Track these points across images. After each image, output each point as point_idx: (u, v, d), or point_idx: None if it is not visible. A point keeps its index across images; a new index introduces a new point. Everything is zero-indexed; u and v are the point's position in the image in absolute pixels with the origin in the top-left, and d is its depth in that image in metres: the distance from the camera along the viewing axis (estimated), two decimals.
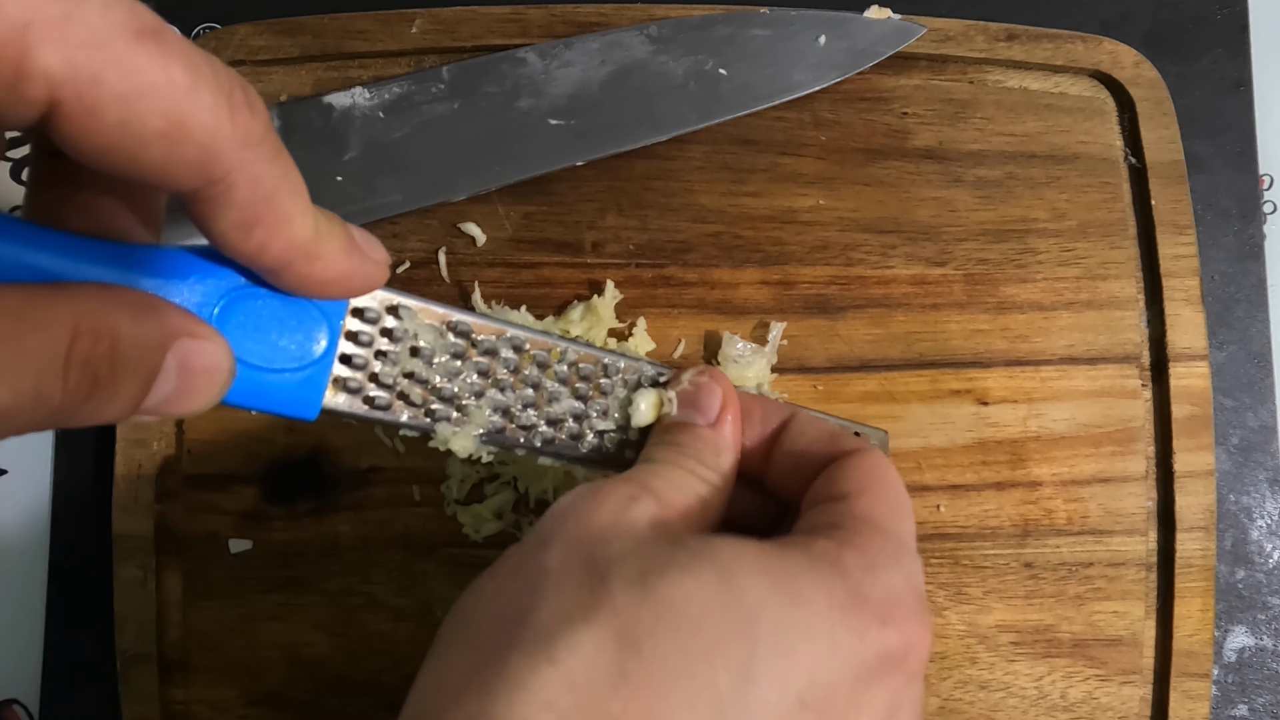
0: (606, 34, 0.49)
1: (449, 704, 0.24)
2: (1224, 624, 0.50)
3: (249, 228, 0.24)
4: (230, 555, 0.47)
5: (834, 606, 0.27)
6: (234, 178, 0.23)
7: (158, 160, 0.21)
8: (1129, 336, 0.49)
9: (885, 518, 0.30)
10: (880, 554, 0.29)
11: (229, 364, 0.25)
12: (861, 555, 0.28)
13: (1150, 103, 0.50)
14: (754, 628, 0.26)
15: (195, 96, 0.21)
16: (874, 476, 0.32)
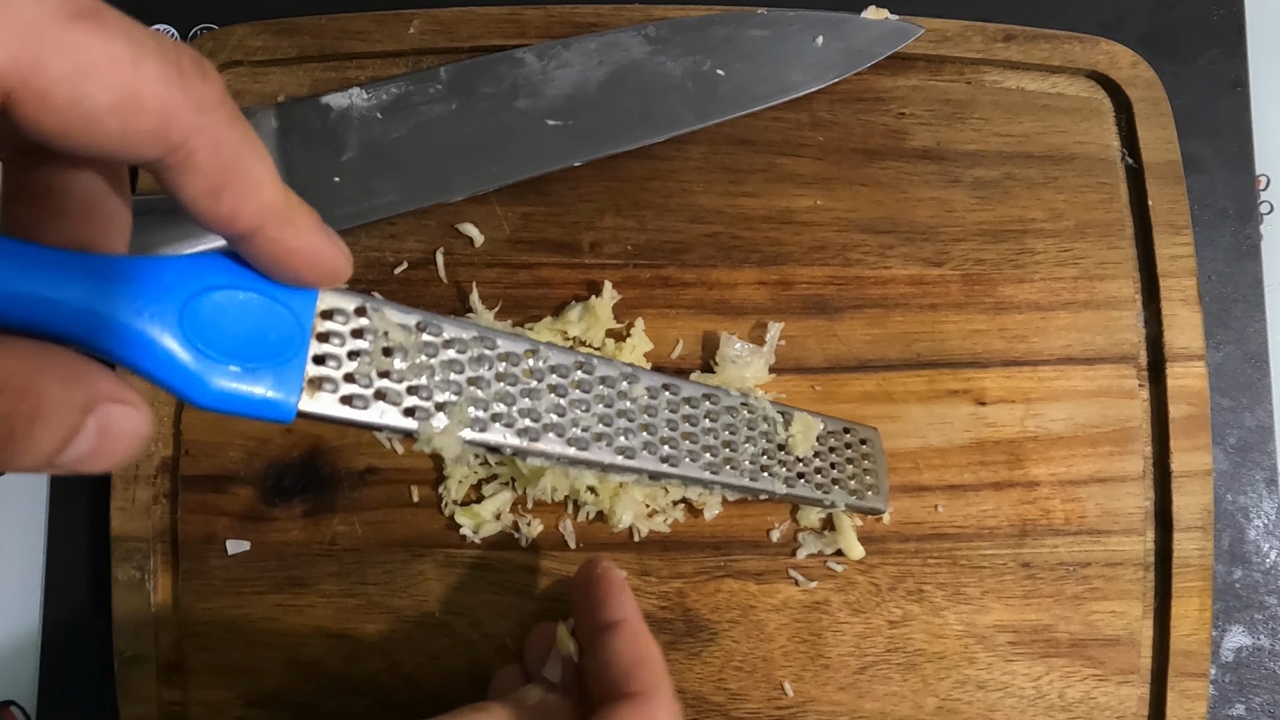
0: (604, 34, 0.49)
1: None
2: (1221, 624, 0.50)
3: (218, 192, 0.24)
4: (228, 556, 0.47)
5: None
6: (194, 142, 0.23)
7: (116, 133, 0.22)
8: (1126, 336, 0.49)
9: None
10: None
11: (146, 430, 0.25)
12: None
13: (1147, 103, 0.50)
14: None
15: (140, 68, 0.22)
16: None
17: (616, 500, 0.46)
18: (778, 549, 0.48)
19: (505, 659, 0.47)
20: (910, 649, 0.47)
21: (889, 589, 0.48)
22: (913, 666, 0.47)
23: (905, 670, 0.47)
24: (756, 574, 0.48)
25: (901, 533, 0.48)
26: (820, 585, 0.47)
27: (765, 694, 0.47)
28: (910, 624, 0.47)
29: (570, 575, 0.47)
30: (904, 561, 0.48)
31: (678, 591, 0.47)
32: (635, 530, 0.47)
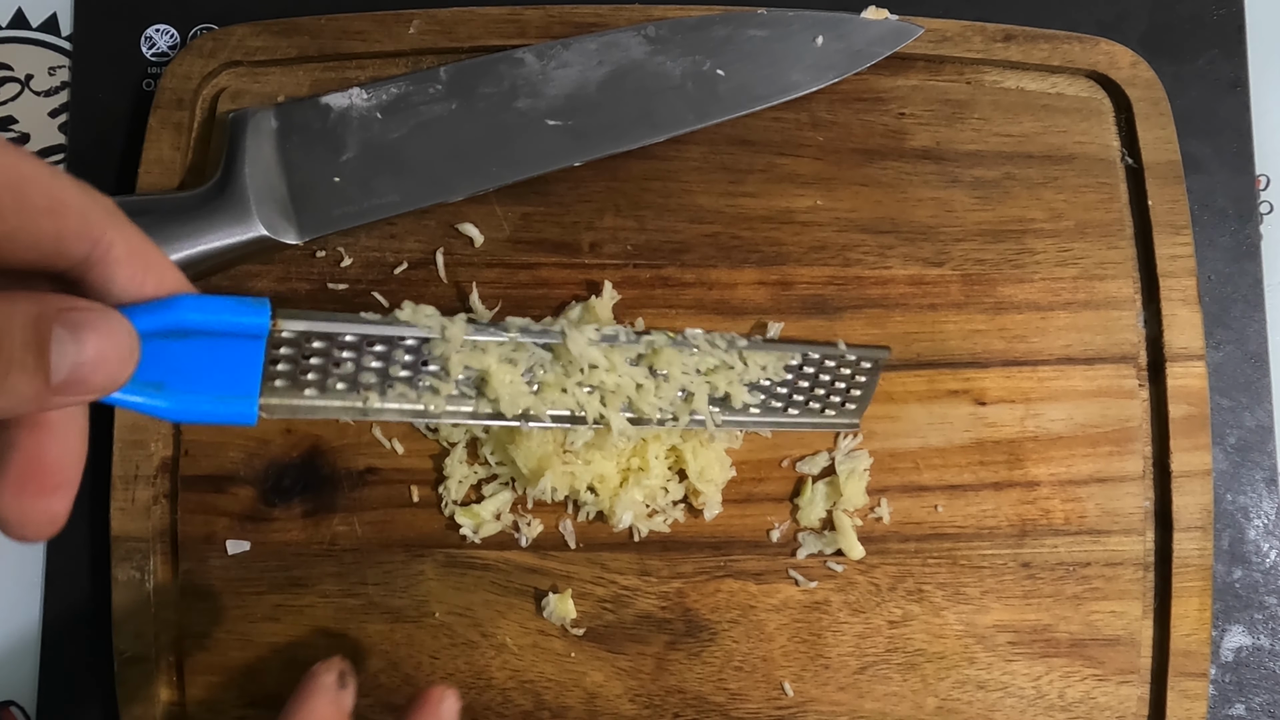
0: (604, 35, 0.49)
1: None
2: (1221, 623, 0.50)
3: (140, 278, 0.28)
4: (228, 556, 0.47)
5: None
6: (112, 237, 0.26)
7: (51, 233, 0.25)
8: (1126, 337, 0.49)
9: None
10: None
11: (125, 325, 0.26)
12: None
13: (1147, 103, 0.50)
14: None
15: (60, 179, 0.26)
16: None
17: (616, 500, 0.46)
18: (778, 549, 0.48)
19: (505, 659, 0.47)
20: (910, 649, 0.47)
21: (889, 589, 0.47)
22: (913, 666, 0.47)
23: (905, 670, 0.47)
24: (756, 574, 0.48)
25: (901, 533, 0.48)
26: (820, 585, 0.47)
27: (765, 694, 0.47)
28: (910, 624, 0.47)
29: (569, 575, 0.48)
30: (904, 561, 0.48)
31: (678, 591, 0.47)
32: (635, 530, 0.47)
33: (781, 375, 0.43)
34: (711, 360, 0.42)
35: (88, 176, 0.54)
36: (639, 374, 0.41)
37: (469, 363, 0.38)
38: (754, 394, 0.43)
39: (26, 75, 0.53)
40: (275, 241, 0.47)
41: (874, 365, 0.45)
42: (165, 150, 0.49)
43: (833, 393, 0.45)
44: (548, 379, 0.40)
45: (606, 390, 0.41)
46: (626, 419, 0.41)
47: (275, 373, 0.34)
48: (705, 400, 0.42)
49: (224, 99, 0.49)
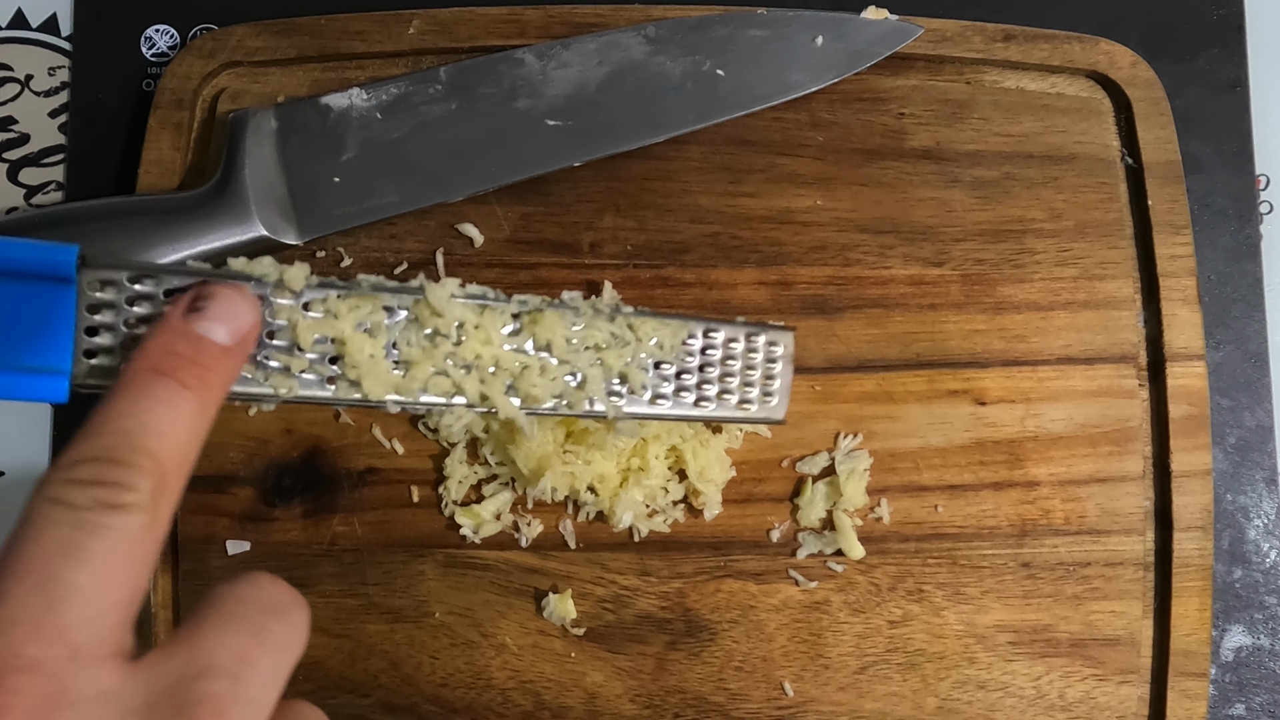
0: (604, 35, 0.49)
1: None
2: (1221, 623, 0.50)
3: None
4: (228, 556, 0.47)
5: None
6: None
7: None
8: (1126, 336, 0.49)
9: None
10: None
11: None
12: None
13: (1147, 103, 0.50)
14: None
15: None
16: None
17: (616, 500, 0.46)
18: (778, 549, 0.48)
19: (505, 659, 0.47)
20: (910, 649, 0.47)
21: (889, 589, 0.48)
22: (913, 666, 0.47)
23: (905, 670, 0.47)
24: (756, 574, 0.48)
25: (901, 533, 0.48)
26: (820, 585, 0.47)
27: (765, 694, 0.47)
28: (910, 624, 0.47)
29: (570, 575, 0.48)
30: (904, 561, 0.48)
31: (678, 591, 0.47)
32: (635, 530, 0.47)
33: (683, 358, 0.40)
34: (598, 334, 0.38)
35: (87, 177, 0.55)
36: (522, 353, 0.37)
37: (322, 331, 0.33)
38: (658, 381, 0.40)
39: (26, 75, 0.53)
40: (275, 242, 0.47)
41: (785, 351, 0.42)
42: (165, 150, 0.49)
43: (747, 382, 0.42)
44: (412, 352, 0.35)
45: (483, 366, 0.36)
46: (514, 404, 0.37)
47: (96, 344, 0.30)
48: (600, 382, 0.38)
49: (224, 99, 0.49)
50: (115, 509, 0.25)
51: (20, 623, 0.23)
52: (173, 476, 0.27)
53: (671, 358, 0.40)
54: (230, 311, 0.30)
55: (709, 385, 0.41)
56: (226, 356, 0.29)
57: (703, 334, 0.41)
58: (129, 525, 0.25)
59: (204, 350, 0.29)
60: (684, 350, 0.40)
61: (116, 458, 0.26)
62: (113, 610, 0.25)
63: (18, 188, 0.52)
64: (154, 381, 0.27)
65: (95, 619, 0.24)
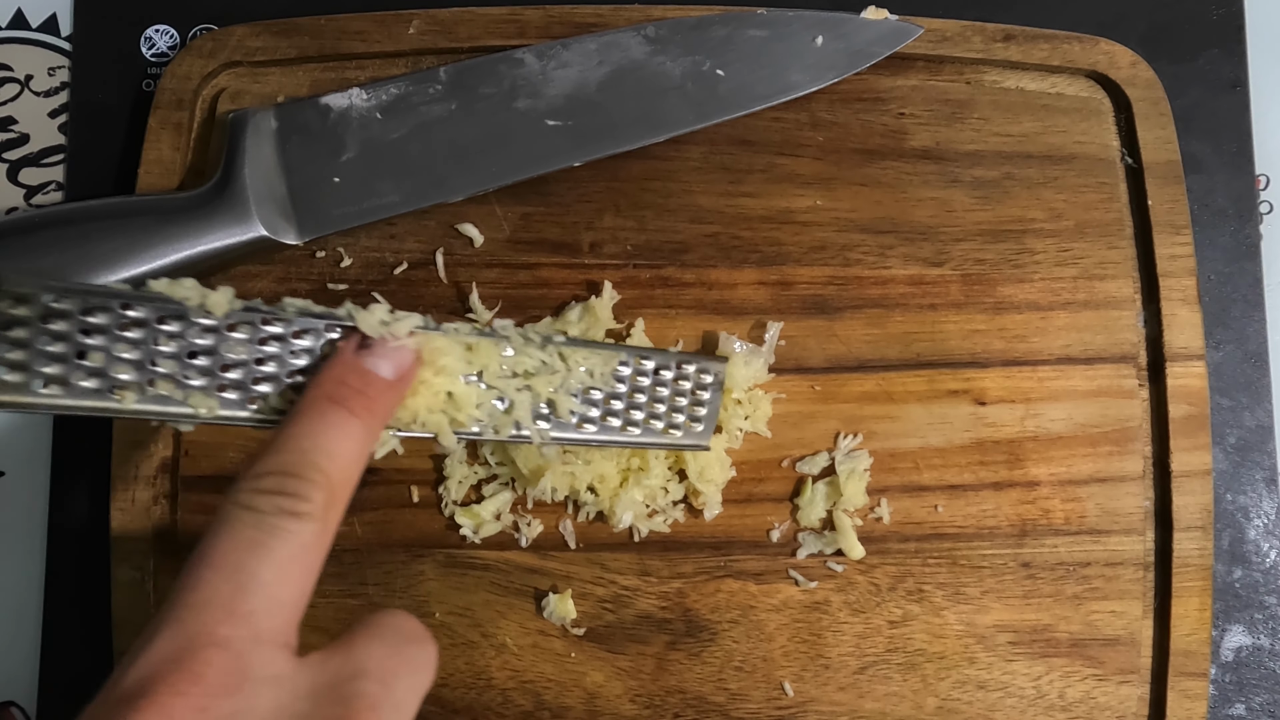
0: (604, 35, 0.49)
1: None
2: (1221, 623, 0.50)
3: None
4: None
5: None
6: None
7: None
8: (1126, 336, 0.49)
9: None
10: None
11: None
12: None
13: (1147, 103, 0.50)
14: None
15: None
16: None
17: (616, 500, 0.46)
18: (778, 549, 0.48)
19: (505, 659, 0.47)
20: (910, 649, 0.47)
21: (889, 589, 0.48)
22: (913, 666, 0.47)
23: (905, 670, 0.47)
24: (756, 574, 0.48)
25: (901, 533, 0.48)
26: (820, 585, 0.47)
27: (765, 694, 0.47)
28: (910, 624, 0.47)
29: (570, 575, 0.48)
30: (904, 561, 0.48)
31: (678, 591, 0.47)
32: (635, 530, 0.47)
33: (612, 385, 0.41)
34: (529, 361, 0.38)
35: (88, 177, 0.55)
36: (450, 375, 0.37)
37: (246, 353, 0.33)
38: (586, 406, 0.40)
39: (26, 75, 0.53)
40: (275, 242, 0.47)
41: (715, 379, 0.43)
42: (165, 150, 0.49)
43: (675, 410, 0.43)
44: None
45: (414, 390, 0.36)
46: (445, 425, 0.37)
47: (3, 359, 0.30)
48: (528, 409, 0.38)
49: (224, 99, 0.49)
50: (293, 516, 0.29)
51: (213, 605, 0.27)
52: (340, 492, 0.31)
53: (601, 384, 0.40)
54: (395, 350, 0.34)
55: (637, 411, 0.42)
56: (390, 390, 0.34)
57: (634, 362, 0.41)
58: (304, 531, 0.29)
59: (371, 383, 0.33)
60: (614, 377, 0.41)
61: (296, 472, 0.30)
62: (287, 605, 0.29)
63: (17, 188, 0.52)
64: (328, 409, 0.32)
65: (274, 610, 0.28)
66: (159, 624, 0.28)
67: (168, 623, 0.27)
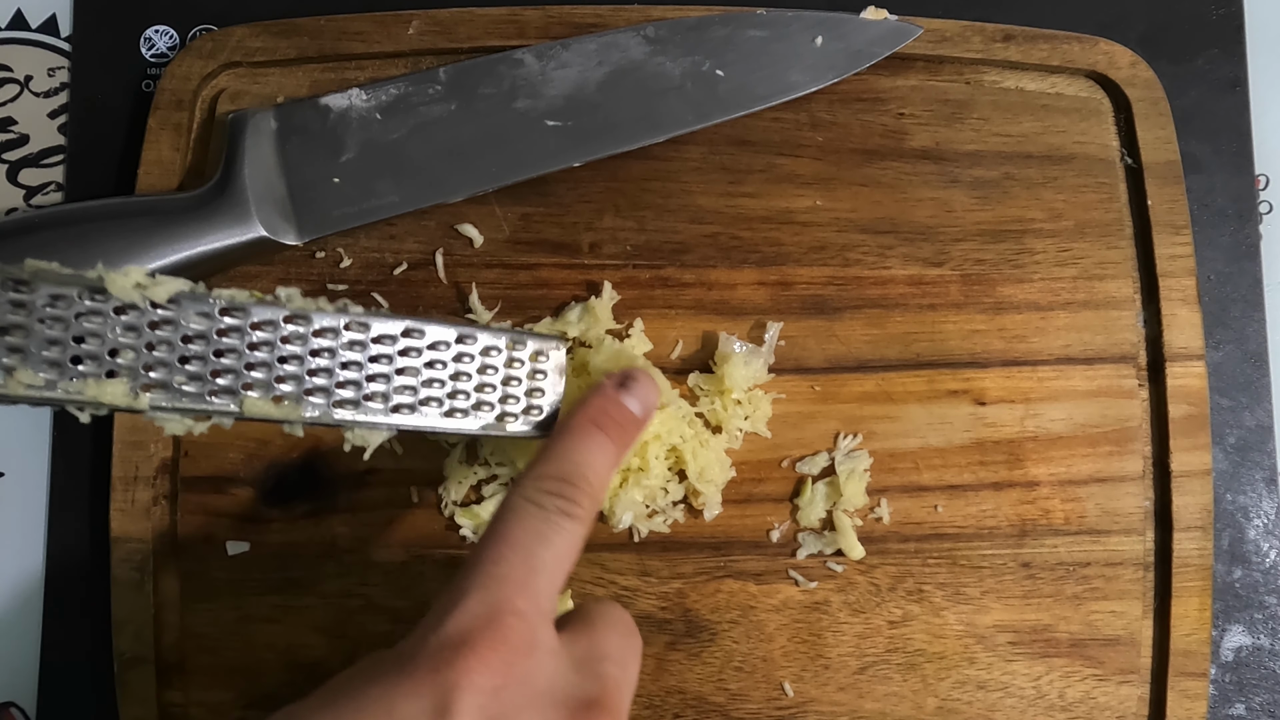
0: (603, 35, 0.49)
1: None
2: (1221, 623, 0.50)
3: None
4: (228, 557, 0.47)
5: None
6: None
7: None
8: (1126, 336, 0.49)
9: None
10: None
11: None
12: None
13: (1146, 103, 0.50)
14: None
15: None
16: None
17: (616, 500, 0.46)
18: (778, 549, 0.48)
19: None
20: (910, 649, 0.47)
21: (889, 589, 0.48)
22: (913, 666, 0.47)
23: (905, 670, 0.47)
24: (756, 574, 0.48)
25: (901, 533, 0.48)
26: (820, 585, 0.47)
27: (765, 694, 0.47)
28: (910, 624, 0.47)
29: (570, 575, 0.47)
30: (904, 561, 0.48)
31: (678, 592, 0.47)
32: (635, 530, 0.47)
33: (431, 365, 0.38)
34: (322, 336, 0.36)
35: (87, 177, 0.55)
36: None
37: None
38: (396, 388, 0.37)
39: (26, 76, 0.53)
40: (275, 242, 0.47)
41: (553, 362, 0.40)
42: (165, 151, 0.49)
43: (508, 395, 0.40)
44: (89, 346, 0.32)
45: (174, 363, 0.33)
46: (229, 409, 0.34)
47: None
48: (327, 392, 0.36)
49: (223, 100, 0.49)
50: (568, 516, 0.34)
51: (512, 580, 0.32)
52: (599, 502, 0.36)
53: (417, 363, 0.37)
54: (646, 392, 0.39)
55: (461, 397, 0.38)
56: (637, 426, 0.39)
57: (455, 340, 0.38)
58: (574, 530, 0.34)
59: (626, 416, 0.38)
60: (432, 356, 0.38)
61: (571, 480, 0.35)
62: (557, 589, 0.34)
63: (17, 188, 0.52)
64: (594, 432, 0.37)
65: (551, 591, 0.33)
66: (467, 586, 0.32)
67: (476, 588, 0.32)
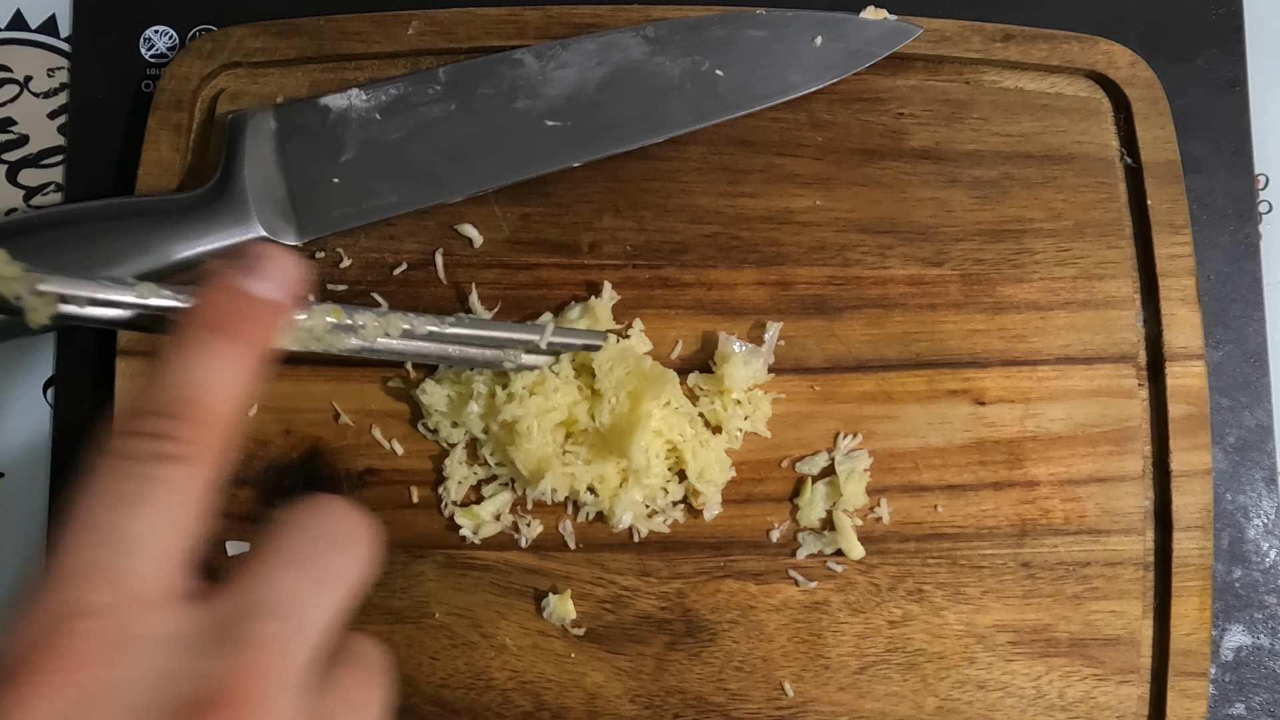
0: (603, 35, 0.49)
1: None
2: (1221, 623, 0.50)
3: None
4: (227, 557, 0.47)
5: None
6: None
7: None
8: (1125, 336, 0.49)
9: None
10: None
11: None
12: None
13: (1146, 103, 0.50)
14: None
15: None
16: None
17: (616, 501, 0.46)
18: (777, 549, 0.48)
19: (505, 659, 0.47)
20: (910, 649, 0.47)
21: (889, 589, 0.48)
22: (913, 666, 0.47)
23: (905, 670, 0.47)
24: (756, 574, 0.48)
25: (901, 533, 0.48)
26: (820, 585, 0.47)
27: (765, 694, 0.47)
28: (910, 624, 0.47)
29: (569, 575, 0.47)
30: (904, 561, 0.48)
31: (678, 592, 0.47)
32: (635, 530, 0.47)
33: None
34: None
35: (87, 178, 0.55)
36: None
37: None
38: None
39: (25, 77, 0.53)
40: (274, 243, 0.47)
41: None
42: (164, 151, 0.49)
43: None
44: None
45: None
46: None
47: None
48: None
49: (223, 100, 0.49)
50: (168, 460, 0.27)
51: (85, 572, 0.25)
52: (219, 424, 0.28)
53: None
54: (279, 270, 0.31)
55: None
56: (273, 311, 0.30)
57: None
58: (181, 475, 0.27)
59: (251, 306, 0.30)
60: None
61: (171, 412, 0.27)
62: (170, 556, 0.26)
63: (17, 189, 0.52)
64: (205, 338, 0.29)
65: (153, 566, 0.26)
66: (31, 596, 0.26)
67: (40, 594, 0.25)
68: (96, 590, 0.25)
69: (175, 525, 0.27)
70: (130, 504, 0.26)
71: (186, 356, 0.28)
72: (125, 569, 0.26)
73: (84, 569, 0.25)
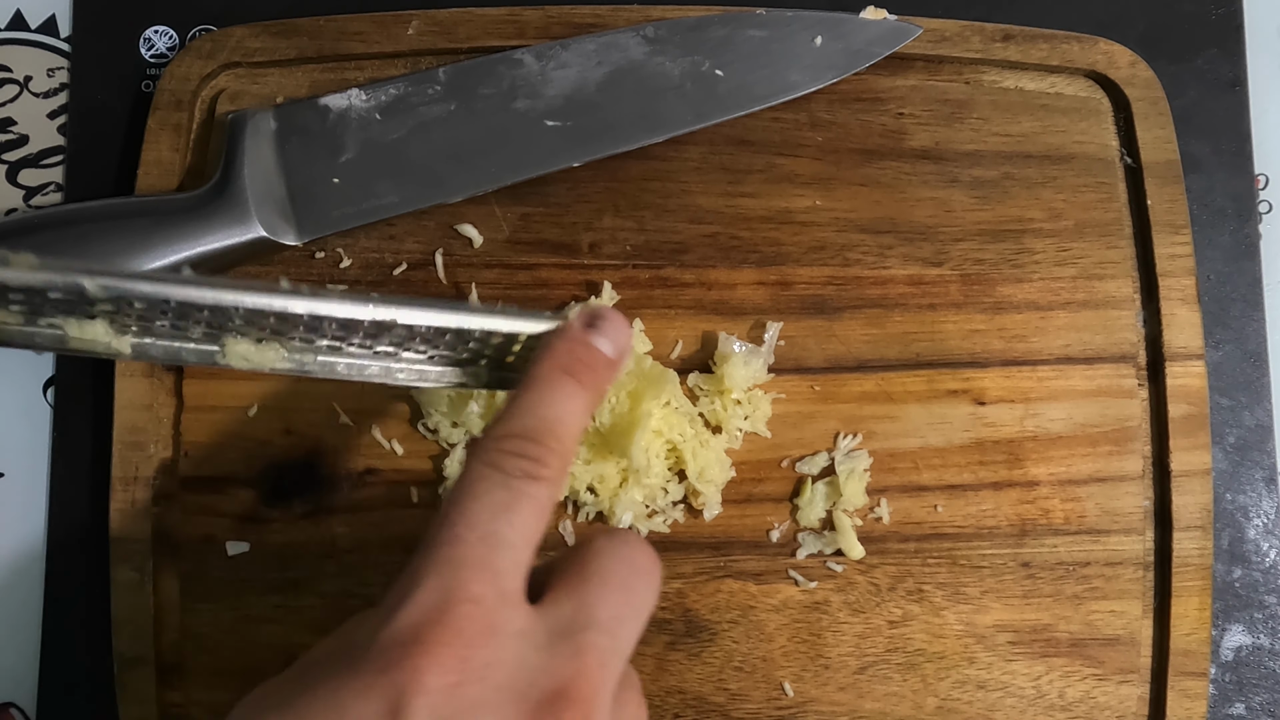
0: (603, 35, 0.49)
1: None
2: (1221, 623, 0.50)
3: None
4: (227, 557, 0.47)
5: None
6: None
7: None
8: (1125, 336, 0.49)
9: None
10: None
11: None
12: None
13: (1146, 102, 0.50)
14: None
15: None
16: None
17: (616, 500, 0.46)
18: (777, 549, 0.48)
19: None
20: (910, 649, 0.47)
21: (889, 589, 0.48)
22: (913, 666, 0.47)
23: (905, 670, 0.47)
24: (756, 574, 0.48)
25: (901, 533, 0.48)
26: (820, 585, 0.47)
27: (765, 694, 0.47)
28: (910, 624, 0.47)
29: None
30: (904, 561, 0.48)
31: (678, 592, 0.47)
32: (635, 531, 0.47)
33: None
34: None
35: (87, 178, 0.55)
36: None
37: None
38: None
39: (25, 77, 0.53)
40: (274, 243, 0.47)
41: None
42: (164, 151, 0.49)
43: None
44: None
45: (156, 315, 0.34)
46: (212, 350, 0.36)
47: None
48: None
49: (223, 100, 0.49)
50: (534, 480, 0.30)
51: (468, 563, 0.29)
52: (569, 458, 0.32)
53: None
54: (617, 331, 0.35)
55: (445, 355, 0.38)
56: (610, 368, 0.35)
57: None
58: (541, 493, 0.31)
59: (597, 359, 0.34)
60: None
61: (536, 438, 0.31)
62: (524, 563, 0.30)
63: (17, 189, 0.52)
64: (562, 380, 0.33)
65: (516, 567, 0.30)
66: (420, 574, 0.29)
67: (429, 575, 0.29)
68: (478, 581, 0.29)
69: (532, 533, 0.30)
70: (505, 510, 0.30)
71: (548, 392, 0.33)
72: (499, 567, 0.29)
73: (466, 560, 0.29)
